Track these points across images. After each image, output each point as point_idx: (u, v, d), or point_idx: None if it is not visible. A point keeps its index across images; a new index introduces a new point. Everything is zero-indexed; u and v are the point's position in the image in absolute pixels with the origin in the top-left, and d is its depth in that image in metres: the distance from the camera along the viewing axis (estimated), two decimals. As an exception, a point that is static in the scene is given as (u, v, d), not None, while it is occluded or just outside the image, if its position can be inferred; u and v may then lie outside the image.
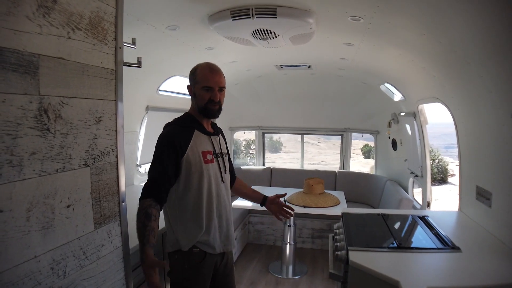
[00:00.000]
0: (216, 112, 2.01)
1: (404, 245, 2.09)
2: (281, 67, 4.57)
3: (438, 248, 2.01)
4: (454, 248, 1.99)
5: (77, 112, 1.26)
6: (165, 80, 3.92)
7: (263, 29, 2.71)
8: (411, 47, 2.69)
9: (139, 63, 1.70)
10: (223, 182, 2.07)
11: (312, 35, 2.85)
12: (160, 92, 4.04)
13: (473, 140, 2.53)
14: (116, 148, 1.47)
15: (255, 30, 2.73)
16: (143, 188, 1.83)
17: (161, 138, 1.92)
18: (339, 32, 2.89)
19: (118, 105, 1.47)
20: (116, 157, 1.48)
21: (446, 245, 2.03)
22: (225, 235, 2.08)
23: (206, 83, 1.93)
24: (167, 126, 2.03)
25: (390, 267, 1.78)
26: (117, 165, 1.48)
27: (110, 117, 1.43)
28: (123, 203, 1.54)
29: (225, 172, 2.12)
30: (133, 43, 1.71)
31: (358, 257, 1.89)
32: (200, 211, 1.94)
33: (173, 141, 1.87)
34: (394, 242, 2.11)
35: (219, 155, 2.09)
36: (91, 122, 1.33)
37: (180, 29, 2.76)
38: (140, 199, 1.81)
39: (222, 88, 1.99)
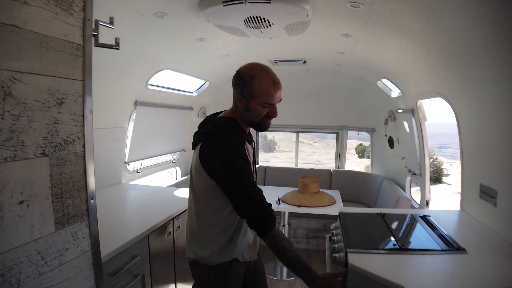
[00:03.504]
0: (269, 125, 1.79)
1: (406, 247, 1.93)
2: (276, 62, 4.43)
3: (443, 250, 1.87)
4: (459, 249, 1.85)
5: (32, 91, 1.06)
6: (155, 73, 3.75)
7: (257, 17, 2.54)
8: (413, 36, 2.56)
9: (117, 45, 1.50)
10: None
11: (308, 24, 2.69)
12: (150, 87, 3.86)
13: (477, 135, 2.41)
14: (83, 136, 1.27)
15: (248, 18, 2.57)
16: (262, 214, 1.63)
17: (235, 152, 1.64)
18: (337, 21, 2.73)
19: (86, 87, 1.27)
20: (83, 147, 1.28)
21: (451, 246, 1.89)
22: (255, 245, 1.98)
23: (268, 100, 1.66)
24: (227, 138, 1.69)
25: (393, 271, 1.63)
26: (84, 156, 1.28)
27: (75, 100, 1.24)
28: (92, 201, 1.33)
29: (255, 179, 1.95)
30: (111, 22, 1.50)
31: (358, 259, 1.74)
32: (241, 231, 1.80)
33: (247, 156, 1.68)
34: (396, 243, 1.96)
35: (254, 162, 1.90)
36: (50, 104, 1.13)
37: (168, 17, 2.59)
38: (271, 227, 1.64)
39: (279, 101, 1.75)
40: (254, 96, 1.65)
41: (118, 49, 1.50)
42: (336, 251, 2.06)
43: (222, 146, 1.64)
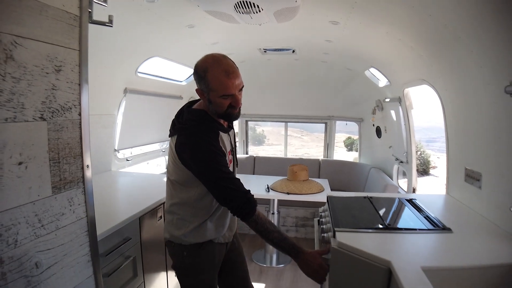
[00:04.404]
0: (238, 114, 1.77)
1: (393, 226, 1.98)
2: (265, 51, 4.45)
3: (429, 229, 1.91)
4: (445, 229, 1.90)
5: (32, 56, 1.09)
6: (144, 61, 3.74)
7: (247, 1, 2.56)
8: (399, 23, 2.60)
9: (110, 22, 1.53)
10: None
11: (297, 10, 2.73)
12: (139, 74, 3.86)
13: (461, 121, 2.46)
14: (80, 104, 1.30)
15: (237, 3, 2.59)
16: (238, 203, 1.68)
17: (206, 147, 1.67)
18: (325, 7, 2.76)
19: (82, 57, 1.30)
20: (80, 115, 1.31)
21: (437, 226, 1.94)
22: (231, 228, 2.04)
23: (225, 91, 1.64)
24: (197, 132, 1.71)
25: (380, 248, 1.68)
26: (80, 124, 1.32)
27: (72, 68, 1.27)
28: (88, 169, 1.37)
29: (237, 166, 2.01)
30: (104, 0, 1.53)
31: (346, 238, 1.77)
32: (216, 213, 1.87)
33: (221, 148, 1.71)
34: (383, 223, 2.01)
35: (233, 149, 1.95)
36: (49, 70, 1.16)
37: (159, 1, 2.59)
38: (250, 213, 1.70)
39: (241, 88, 1.71)
40: (211, 89, 1.64)
41: (111, 26, 1.53)
42: (325, 231, 2.09)
43: (194, 141, 1.67)
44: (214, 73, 1.62)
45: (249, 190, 1.73)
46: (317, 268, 1.74)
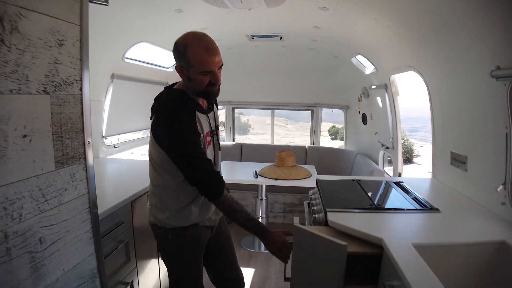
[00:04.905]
0: (218, 92, 1.77)
1: (382, 206, 2.05)
2: (252, 38, 4.44)
3: (417, 209, 1.99)
4: (432, 209, 1.98)
5: (36, 29, 1.09)
6: (132, 46, 3.68)
7: (237, -15, 2.57)
8: (388, 10, 2.62)
9: (106, 1, 1.53)
10: (215, 164, 1.93)
11: (287, -5, 2.74)
12: (126, 60, 3.81)
13: (447, 105, 2.52)
14: (81, 80, 1.30)
15: (228, -14, 2.59)
16: (207, 183, 1.70)
17: (180, 125, 1.66)
18: (315, -8, 2.78)
19: (83, 32, 1.30)
20: (81, 90, 1.31)
21: (425, 206, 2.02)
22: (217, 212, 2.03)
23: (205, 68, 1.63)
24: (173, 111, 1.70)
25: (371, 226, 1.73)
26: (81, 100, 1.32)
27: (73, 43, 1.27)
28: (89, 145, 1.37)
29: (219, 149, 2.00)
30: (100, -19, 1.53)
31: (337, 217, 1.83)
32: (201, 197, 1.85)
33: (196, 128, 1.70)
34: (372, 203, 2.07)
35: (214, 132, 1.93)
36: (52, 44, 1.16)
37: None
38: (219, 193, 1.72)
39: (221, 66, 1.70)
40: (191, 65, 1.63)
41: (107, 5, 1.54)
42: (316, 213, 2.13)
43: (168, 119, 1.67)
44: (194, 49, 1.61)
45: (218, 172, 1.76)
46: (280, 246, 1.80)
